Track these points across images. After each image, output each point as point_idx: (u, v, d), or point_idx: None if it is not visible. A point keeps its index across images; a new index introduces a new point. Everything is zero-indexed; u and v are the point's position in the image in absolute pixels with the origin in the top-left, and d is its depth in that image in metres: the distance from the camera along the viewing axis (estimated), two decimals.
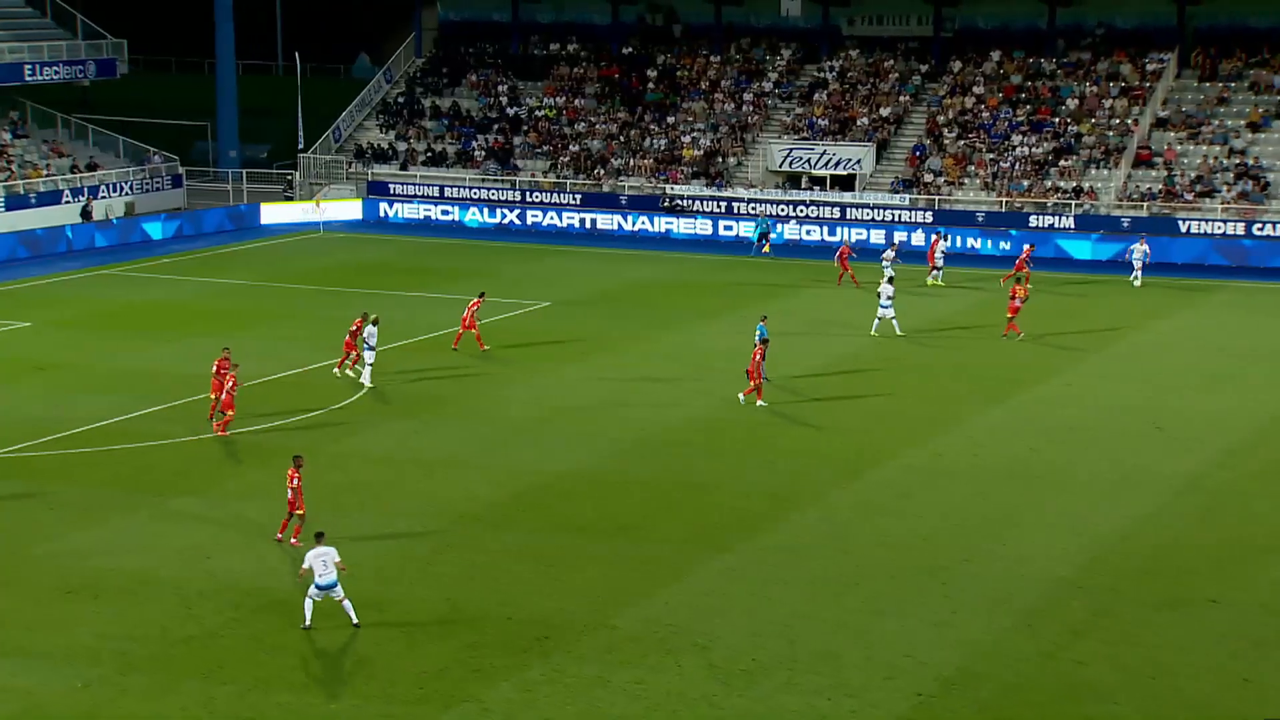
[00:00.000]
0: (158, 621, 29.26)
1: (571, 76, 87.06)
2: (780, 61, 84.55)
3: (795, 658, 27.63)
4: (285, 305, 59.53)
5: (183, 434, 41.33)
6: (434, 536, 33.91)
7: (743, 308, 57.26)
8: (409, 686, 26.57)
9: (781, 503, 36.09)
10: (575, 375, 47.73)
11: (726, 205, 76.49)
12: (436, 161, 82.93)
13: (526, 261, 69.25)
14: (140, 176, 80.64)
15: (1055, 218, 71.91)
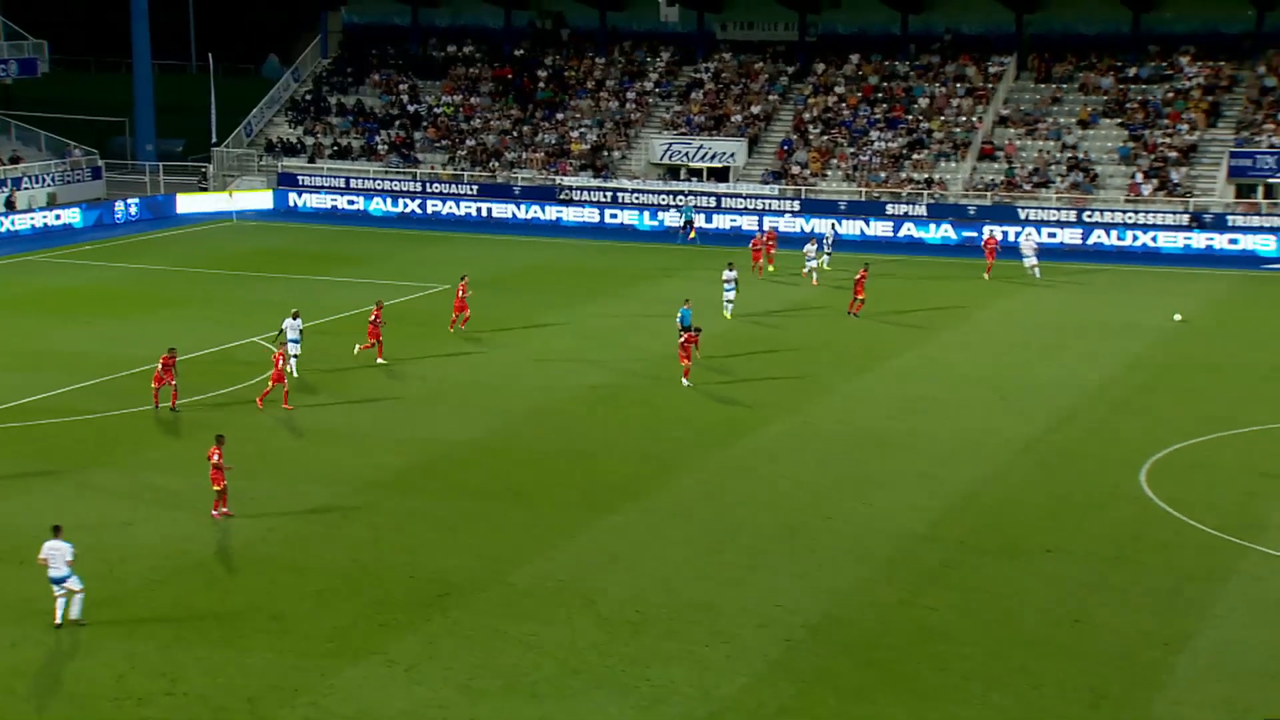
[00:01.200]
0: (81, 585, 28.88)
1: (468, 76, 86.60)
2: (660, 63, 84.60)
3: (676, 609, 27.77)
4: (200, 289, 58.84)
5: (104, 409, 40.76)
6: (341, 503, 33.70)
7: (626, 289, 57.42)
8: (320, 641, 26.42)
9: (663, 468, 36.24)
10: (473, 352, 47.60)
11: (612, 195, 76.54)
12: (342, 155, 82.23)
13: (427, 247, 68.96)
14: (62, 169, 79.32)
15: (909, 206, 72.61)
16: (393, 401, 41.91)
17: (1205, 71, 75.85)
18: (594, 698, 24.29)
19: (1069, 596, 28.44)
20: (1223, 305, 56.76)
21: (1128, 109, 75.19)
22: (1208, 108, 74.08)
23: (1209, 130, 73.36)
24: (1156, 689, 24.71)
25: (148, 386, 41.97)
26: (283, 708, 23.91)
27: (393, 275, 61.18)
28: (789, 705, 24.13)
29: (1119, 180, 72.03)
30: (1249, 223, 68.33)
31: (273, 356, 41.25)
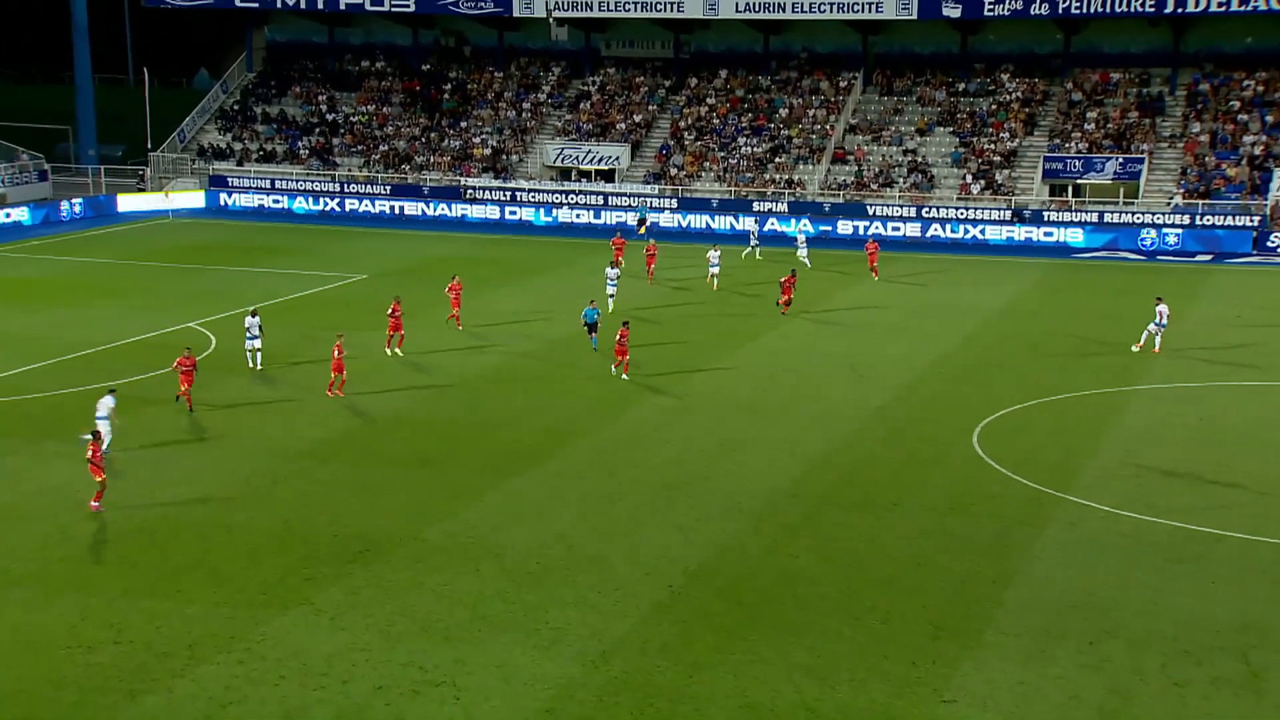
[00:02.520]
0: (36, 545, 28.29)
1: (380, 88, 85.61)
2: (552, 77, 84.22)
3: (572, 560, 27.79)
4: (140, 280, 57.76)
5: (53, 388, 39.88)
6: (270, 470, 33.30)
7: (525, 279, 57.17)
8: (253, 593, 26.12)
9: (559, 436, 36.20)
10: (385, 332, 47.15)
11: (511, 195, 76.15)
12: (268, 159, 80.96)
13: (346, 241, 68.18)
14: (11, 172, 77.33)
15: (773, 203, 73.04)
16: (315, 378, 41.26)
17: (1023, 87, 77.10)
18: (500, 640, 24.25)
19: (912, 543, 28.86)
20: (1040, 290, 57.78)
21: (958, 119, 76.20)
22: (1025, 118, 75.32)
23: (1027, 138, 74.56)
24: (987, 621, 25.16)
25: (93, 368, 41.15)
26: (220, 652, 23.62)
27: (316, 267, 60.46)
28: (672, 643, 24.25)
29: (952, 181, 73.00)
30: (1061, 218, 69.58)
31: (333, 348, 39.27)
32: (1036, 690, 22.66)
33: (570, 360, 43.51)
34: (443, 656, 23.56)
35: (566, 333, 47.21)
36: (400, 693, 22.38)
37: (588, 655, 23.70)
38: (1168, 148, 72.21)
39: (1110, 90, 75.78)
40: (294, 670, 23.06)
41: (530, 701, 22.17)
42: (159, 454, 34.32)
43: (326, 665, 23.23)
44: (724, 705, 22.11)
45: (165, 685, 22.49)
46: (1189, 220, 67.52)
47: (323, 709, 21.84)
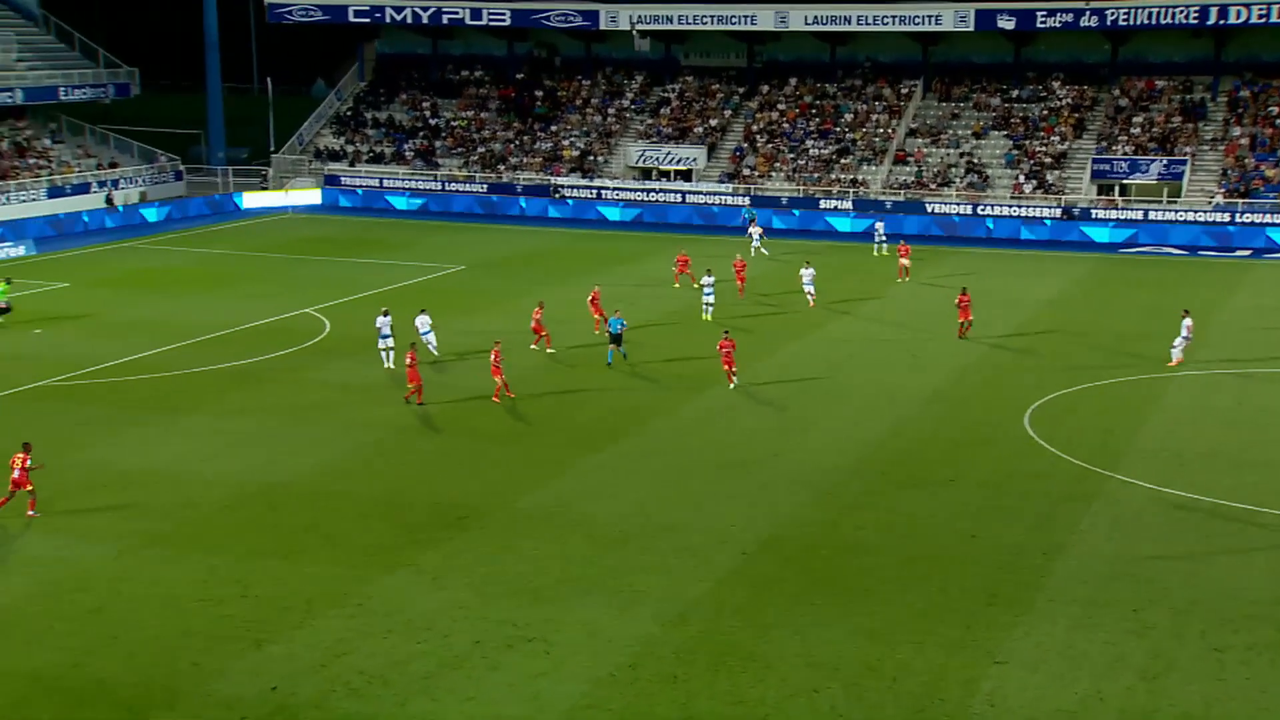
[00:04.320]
0: (169, 508, 28.74)
1: (478, 95, 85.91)
2: (635, 84, 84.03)
3: (650, 529, 27.75)
4: (261, 270, 58.41)
5: (185, 367, 40.48)
6: (377, 442, 33.58)
7: (608, 268, 57.16)
8: (362, 554, 26.36)
9: (638, 416, 36.16)
10: (484, 318, 47.35)
11: (596, 192, 76.15)
12: (376, 160, 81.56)
13: (445, 235, 68.51)
14: (150, 172, 78.52)
15: (838, 201, 72.43)
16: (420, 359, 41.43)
17: (1073, 93, 75.77)
18: (586, 600, 24.28)
19: (966, 517, 28.52)
20: (1087, 283, 56.81)
21: (1011, 123, 75.05)
22: (1075, 122, 74.01)
23: (1076, 141, 73.28)
24: (1037, 589, 24.81)
25: (219, 350, 41.65)
26: (333, 607, 23.86)
27: (418, 258, 60.85)
28: (743, 605, 24.16)
29: (1005, 181, 71.94)
30: (1108, 215, 68.35)
31: (491, 353, 37.38)
32: (1083, 653, 22.31)
33: (648, 344, 43.43)
34: (533, 615, 23.63)
35: (645, 319, 47.14)
36: (495, 646, 22.48)
37: (666, 616, 23.66)
38: (1209, 150, 70.70)
39: (1155, 97, 74.30)
40: (399, 624, 23.24)
41: (614, 657, 22.18)
42: (277, 427, 34.72)
43: (428, 620, 23.39)
44: (792, 663, 21.98)
45: (286, 636, 22.76)
46: (1229, 218, 66.07)
47: (425, 660, 22.00)
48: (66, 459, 31.80)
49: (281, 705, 20.58)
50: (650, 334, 45.14)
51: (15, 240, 61.60)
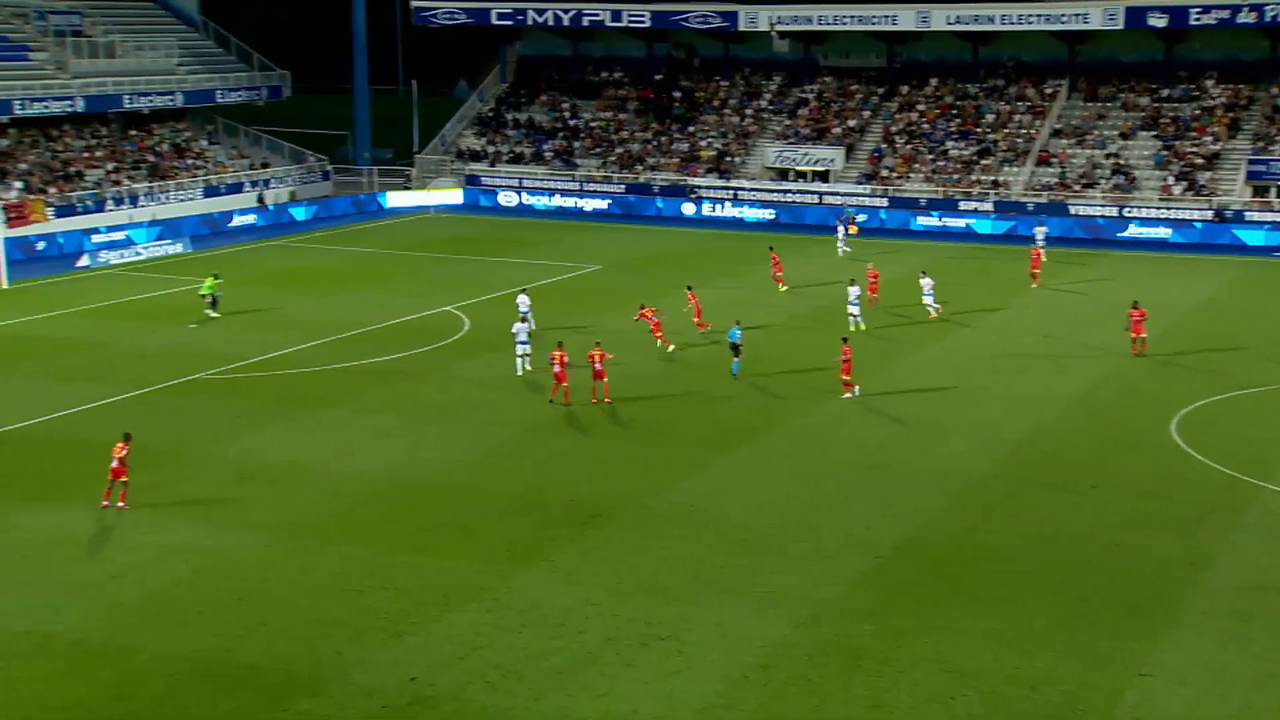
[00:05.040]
0: (313, 500, 29.43)
1: (617, 96, 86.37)
2: (773, 85, 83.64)
3: (783, 530, 27.60)
4: (404, 268, 59.43)
5: (329, 363, 41.41)
6: (514, 439, 33.94)
7: (744, 269, 56.96)
8: (499, 549, 26.68)
9: (773, 416, 35.99)
10: (618, 317, 47.46)
11: (733, 193, 76.01)
12: (516, 160, 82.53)
13: (583, 235, 68.94)
14: (299, 172, 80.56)
15: (978, 203, 71.17)
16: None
17: (1227, 93, 73.24)
18: (719, 600, 24.23)
19: (1110, 525, 27.79)
20: (1238, 287, 54.93)
21: (1161, 123, 72.86)
22: (1229, 122, 71.57)
23: (1230, 141, 70.85)
24: (1183, 600, 24.07)
25: (362, 346, 42.54)
26: (471, 601, 24.19)
27: (556, 257, 61.38)
28: (876, 609, 23.88)
29: (1154, 182, 69.89)
30: (1263, 218, 65.97)
31: (589, 355, 36.94)
32: (1233, 669, 21.57)
33: (784, 343, 43.16)
34: (666, 613, 23.66)
35: (781, 320, 46.90)
36: (629, 644, 22.56)
37: (799, 617, 23.50)
38: None
39: None
40: (535, 620, 23.46)
41: (747, 657, 22.09)
42: (417, 423, 35.32)
43: (563, 616, 23.57)
44: (926, 669, 21.65)
45: (424, 628, 23.15)
46: None
47: (560, 656, 22.17)
48: (217, 450, 32.79)
49: (420, 696, 20.93)
50: (785, 334, 44.86)
51: (173, 238, 63.71)
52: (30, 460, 31.94)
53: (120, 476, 28.37)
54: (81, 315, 48.24)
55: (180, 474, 30.95)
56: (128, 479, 28.48)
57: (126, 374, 39.53)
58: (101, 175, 69.04)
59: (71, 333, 45.38)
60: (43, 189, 65.25)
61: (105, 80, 72.49)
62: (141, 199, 68.87)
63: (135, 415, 35.12)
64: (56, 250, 60.32)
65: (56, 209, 64.29)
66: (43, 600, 24.09)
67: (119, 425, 31.15)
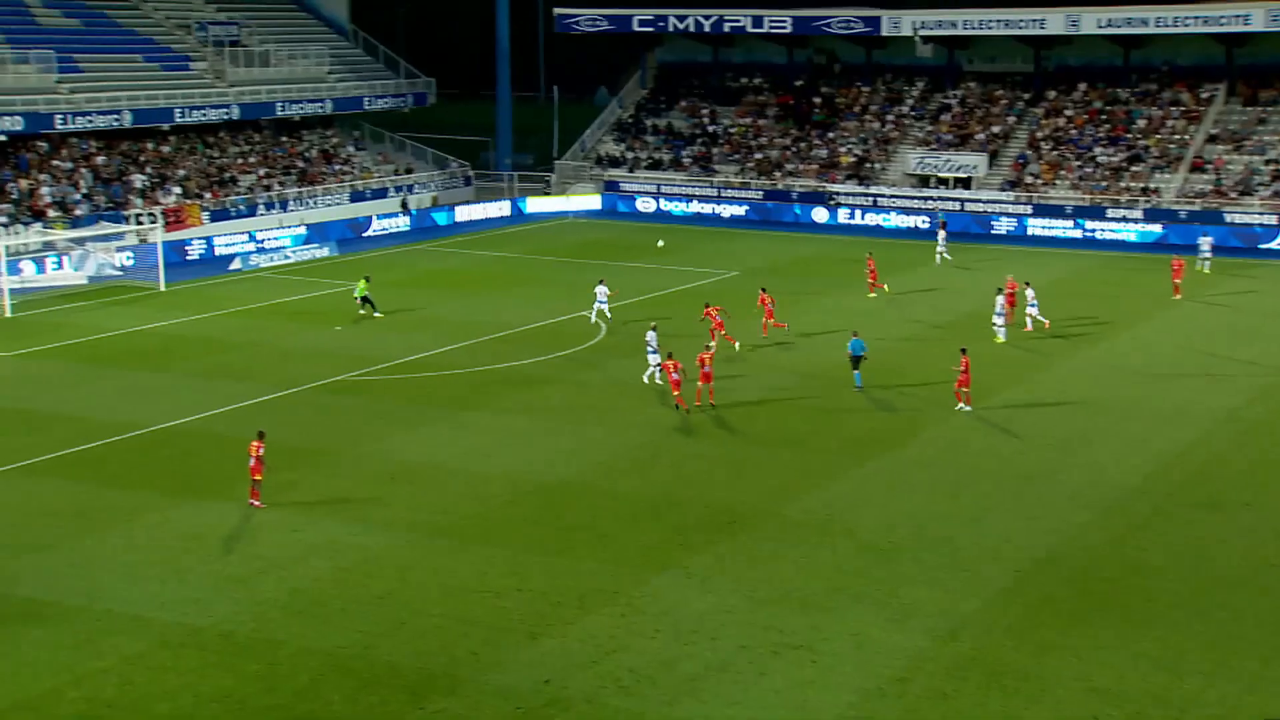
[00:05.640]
0: (452, 501, 29.88)
1: (756, 103, 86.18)
2: (915, 91, 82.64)
3: (921, 541, 27.22)
4: (543, 272, 60.04)
5: (469, 365, 42.03)
6: (650, 444, 34.05)
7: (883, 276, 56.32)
8: (634, 554, 26.78)
9: (911, 424, 35.52)
10: (754, 324, 47.33)
11: (873, 200, 75.25)
12: (655, 166, 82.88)
13: (720, 241, 68.86)
14: (443, 177, 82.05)
15: (1127, 210, 69.33)
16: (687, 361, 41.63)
17: None
18: (854, 611, 23.99)
19: (1265, 544, 26.82)
20: None
21: None
22: None
23: None
24: None
25: (501, 350, 43.08)
26: (605, 605, 24.32)
27: (693, 263, 61.43)
28: (1016, 624, 23.40)
29: None
30: None
31: (699, 358, 37.21)
32: None
33: (920, 352, 42.56)
34: (800, 622, 23.50)
35: (913, 331, 46.25)
36: (762, 652, 22.46)
37: (937, 631, 23.13)
38: None
39: None
40: (668, 625, 23.49)
41: (882, 669, 21.82)
42: (554, 426, 35.64)
43: (697, 623, 23.56)
44: (1070, 687, 21.13)
45: (559, 631, 23.34)
46: None
47: (692, 662, 22.17)
48: (361, 450, 33.53)
49: (554, 698, 21.11)
50: (919, 342, 44.24)
51: (320, 242, 65.38)
52: (182, 457, 33.05)
53: (257, 475, 29.06)
54: (232, 317, 49.78)
55: (324, 473, 31.72)
56: (261, 477, 29.11)
57: (274, 374, 40.66)
58: (254, 181, 71.21)
59: (222, 334, 46.84)
60: (199, 194, 67.53)
61: (259, 88, 74.82)
62: (291, 204, 70.84)
63: (282, 415, 36.12)
64: (210, 254, 62.34)
65: (211, 213, 66.48)
66: (193, 594, 24.89)
67: (266, 424, 32.05)
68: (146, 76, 71.05)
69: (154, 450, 33.48)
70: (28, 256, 55.04)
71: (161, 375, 40.87)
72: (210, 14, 79.23)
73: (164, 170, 68.09)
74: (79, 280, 55.58)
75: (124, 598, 24.59)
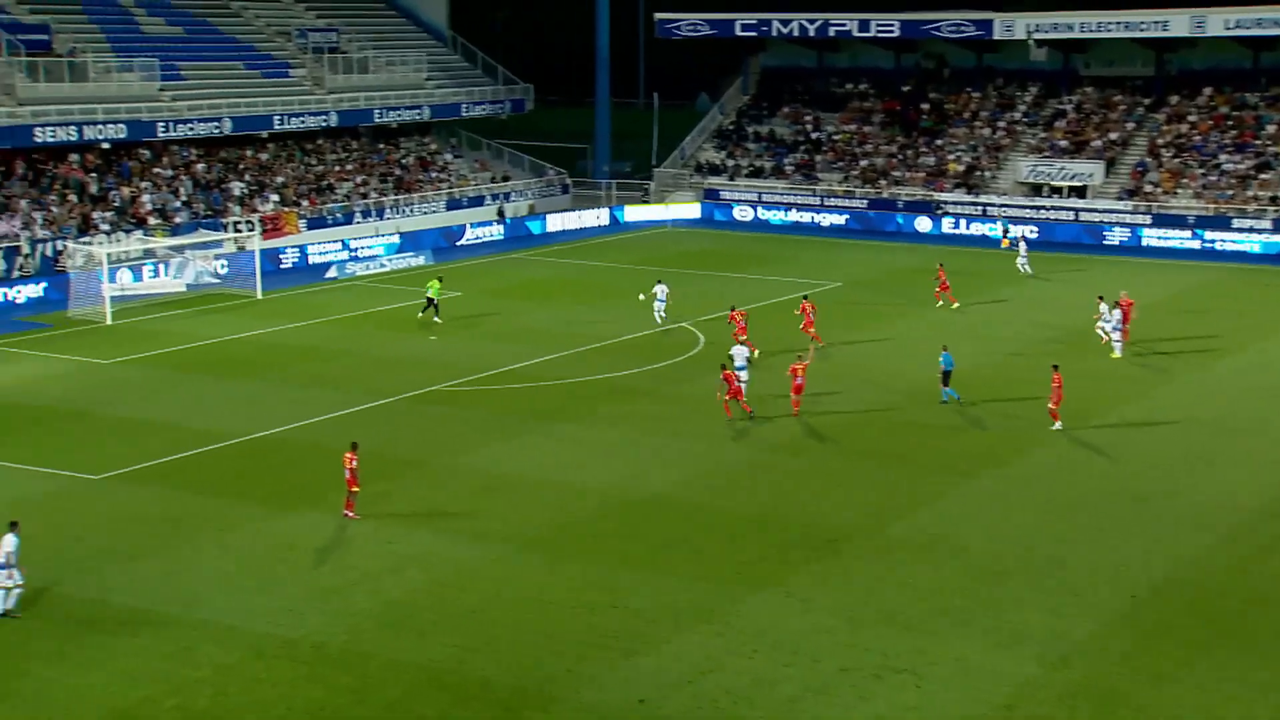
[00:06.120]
0: (546, 514, 30.04)
1: (861, 109, 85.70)
2: (1028, 96, 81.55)
3: (1032, 562, 26.79)
4: (640, 283, 59.73)
5: (564, 376, 42.24)
6: (748, 458, 33.93)
7: (988, 289, 55.56)
8: (731, 571, 26.69)
9: (1017, 441, 34.98)
10: (857, 338, 46.98)
11: (982, 209, 74.35)
12: (756, 174, 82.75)
13: (823, 251, 68.45)
14: (539, 185, 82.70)
15: (1254, 220, 67.67)
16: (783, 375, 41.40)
17: None
18: (960, 634, 23.67)
19: None
20: None
21: None
22: None
23: None
24: None
25: (597, 361, 43.27)
26: (701, 623, 24.28)
27: (795, 274, 61.16)
28: (1132, 651, 22.92)
29: None
30: None
31: (790, 369, 37.52)
32: None
33: (1033, 367, 41.89)
34: (904, 645, 23.25)
35: (1022, 348, 45.55)
36: (863, 675, 22.26)
37: (1047, 657, 22.74)
38: None
39: None
40: (766, 645, 23.38)
41: (989, 696, 21.50)
42: (649, 439, 35.68)
43: (795, 643, 23.42)
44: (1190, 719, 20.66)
45: (654, 648, 23.34)
46: None
47: (790, 684, 22.04)
48: (454, 461, 33.87)
49: (649, 717, 21.11)
50: (1031, 357, 43.57)
51: (415, 250, 66.24)
52: (277, 467, 33.67)
53: (352, 486, 29.45)
54: (327, 325, 50.60)
55: (418, 484, 32.09)
56: (358, 488, 29.51)
57: (368, 384, 41.25)
58: (351, 188, 72.41)
59: (317, 342, 47.64)
60: (296, 201, 68.86)
61: (358, 95, 76.13)
62: (387, 211, 71.90)
63: (376, 425, 36.63)
64: (305, 261, 63.48)
65: (308, 221, 67.73)
66: (286, 604, 25.30)
67: (360, 434, 32.51)
68: (247, 84, 72.63)
69: (249, 459, 34.15)
70: (128, 264, 56.54)
71: (257, 384, 41.69)
72: (310, 20, 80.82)
73: (262, 177, 69.53)
74: (178, 288, 56.99)
75: (218, 607, 25.10)
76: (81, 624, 24.41)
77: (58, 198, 59.95)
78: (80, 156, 62.96)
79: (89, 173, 62.77)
